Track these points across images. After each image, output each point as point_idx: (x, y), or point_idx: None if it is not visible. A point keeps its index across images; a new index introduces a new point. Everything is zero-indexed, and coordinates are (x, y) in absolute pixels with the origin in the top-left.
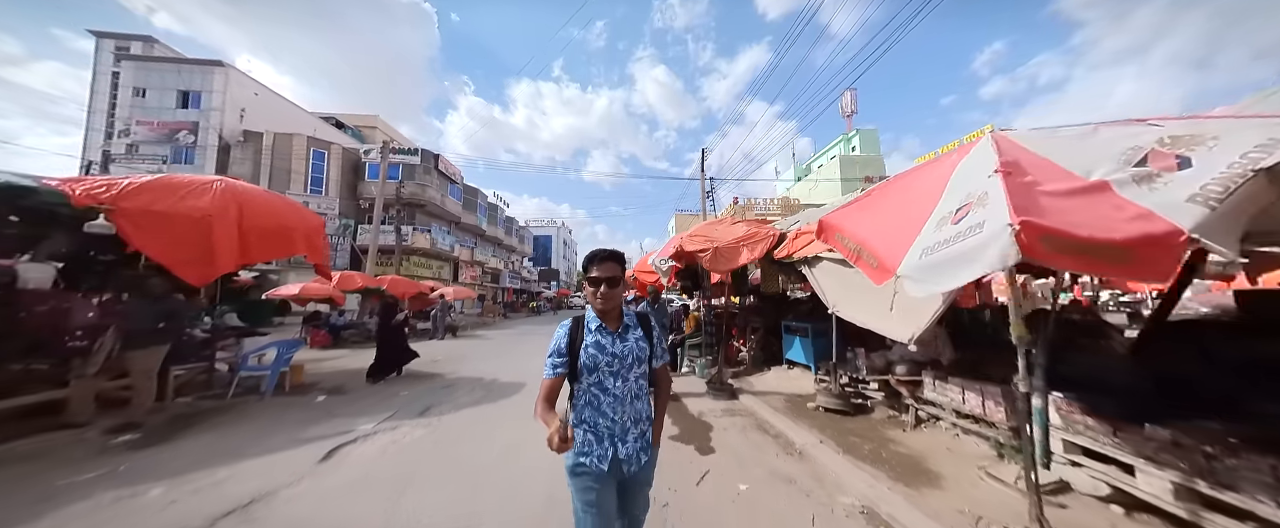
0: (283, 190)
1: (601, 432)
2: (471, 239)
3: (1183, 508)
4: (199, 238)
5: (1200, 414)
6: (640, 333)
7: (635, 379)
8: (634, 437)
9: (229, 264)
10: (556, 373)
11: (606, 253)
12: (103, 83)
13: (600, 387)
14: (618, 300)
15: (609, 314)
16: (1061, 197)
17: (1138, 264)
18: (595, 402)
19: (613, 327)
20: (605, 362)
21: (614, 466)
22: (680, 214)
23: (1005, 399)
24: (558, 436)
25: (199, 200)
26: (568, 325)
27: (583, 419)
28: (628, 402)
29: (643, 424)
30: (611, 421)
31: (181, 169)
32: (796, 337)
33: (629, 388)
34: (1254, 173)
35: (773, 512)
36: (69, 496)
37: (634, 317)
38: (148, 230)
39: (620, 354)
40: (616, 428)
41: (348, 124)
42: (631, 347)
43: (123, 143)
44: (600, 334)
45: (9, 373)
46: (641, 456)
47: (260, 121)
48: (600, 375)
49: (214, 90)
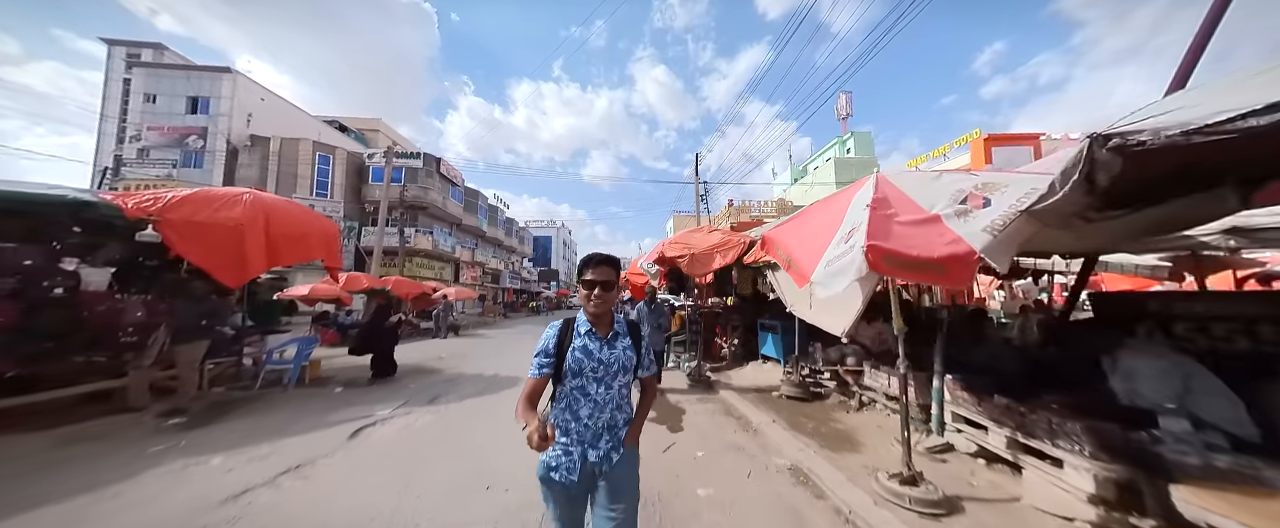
0: (289, 194)
1: (572, 436)
2: (472, 240)
3: (1010, 455)
4: (233, 245)
5: (1048, 388)
6: (628, 342)
7: (619, 388)
8: (605, 441)
9: (259, 268)
10: (541, 373)
11: (601, 257)
12: (114, 89)
13: (582, 391)
14: (610, 305)
15: (600, 319)
16: (907, 225)
17: (948, 275)
18: (574, 406)
19: (603, 332)
20: (591, 367)
21: (584, 475)
22: (678, 215)
23: (916, 382)
24: (537, 433)
25: (232, 211)
26: (558, 326)
27: (558, 421)
28: (607, 409)
29: (618, 430)
30: (585, 425)
31: (191, 173)
32: (769, 334)
33: (610, 396)
34: (1019, 213)
35: (719, 469)
36: (146, 463)
37: (624, 324)
38: (189, 239)
39: (606, 361)
40: (588, 434)
41: (351, 127)
42: (619, 355)
43: (134, 147)
44: (589, 339)
45: (74, 365)
46: (613, 455)
47: (266, 126)
48: (584, 380)
49: (222, 96)
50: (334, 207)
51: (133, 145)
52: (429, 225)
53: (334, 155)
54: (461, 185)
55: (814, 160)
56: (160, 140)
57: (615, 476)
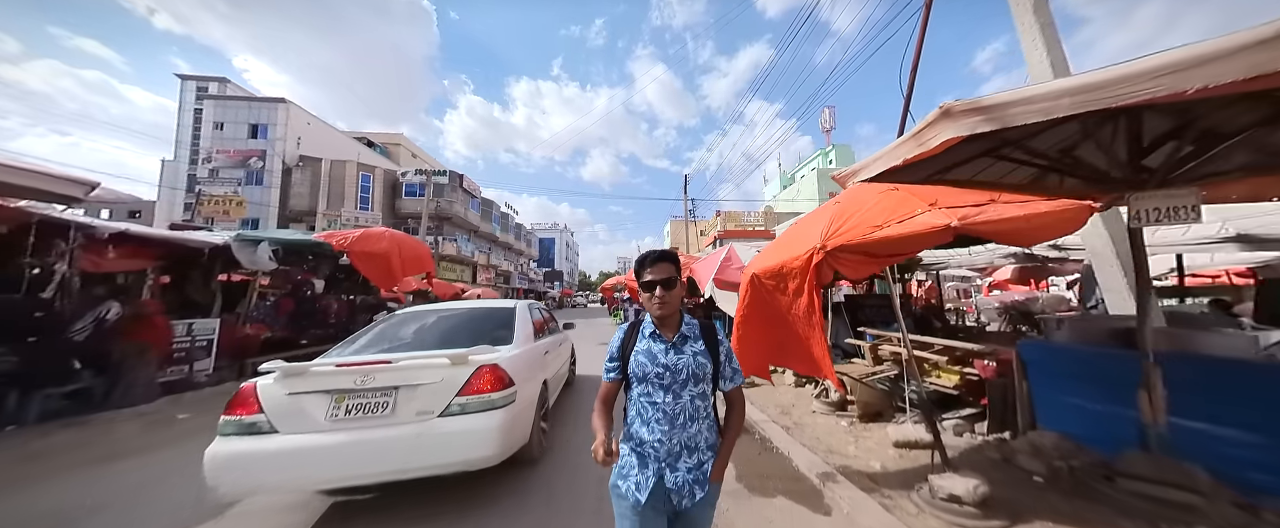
0: (338, 207)
1: (646, 453)
2: (487, 245)
3: None
4: (384, 265)
5: None
6: (701, 346)
7: (691, 398)
8: (687, 467)
9: (399, 279)
10: (611, 378)
11: (658, 253)
12: (186, 117)
13: (649, 399)
14: (676, 304)
15: (666, 320)
16: (733, 269)
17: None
18: (643, 415)
19: (668, 335)
20: (655, 373)
21: (658, 496)
22: (674, 220)
23: None
24: (603, 447)
25: (381, 244)
26: (625, 328)
27: (629, 433)
28: (680, 423)
29: (701, 453)
30: (657, 440)
31: (253, 190)
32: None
33: (681, 406)
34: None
35: None
36: None
37: (698, 327)
38: (364, 262)
39: (672, 366)
40: (662, 451)
41: (376, 142)
42: (687, 360)
43: (206, 168)
44: (653, 341)
45: (314, 336)
46: (696, 490)
47: (311, 146)
48: (649, 387)
49: (277, 122)
50: (374, 218)
51: (205, 166)
52: (453, 233)
53: (374, 174)
54: (479, 197)
55: (800, 170)
56: (227, 162)
57: (696, 518)
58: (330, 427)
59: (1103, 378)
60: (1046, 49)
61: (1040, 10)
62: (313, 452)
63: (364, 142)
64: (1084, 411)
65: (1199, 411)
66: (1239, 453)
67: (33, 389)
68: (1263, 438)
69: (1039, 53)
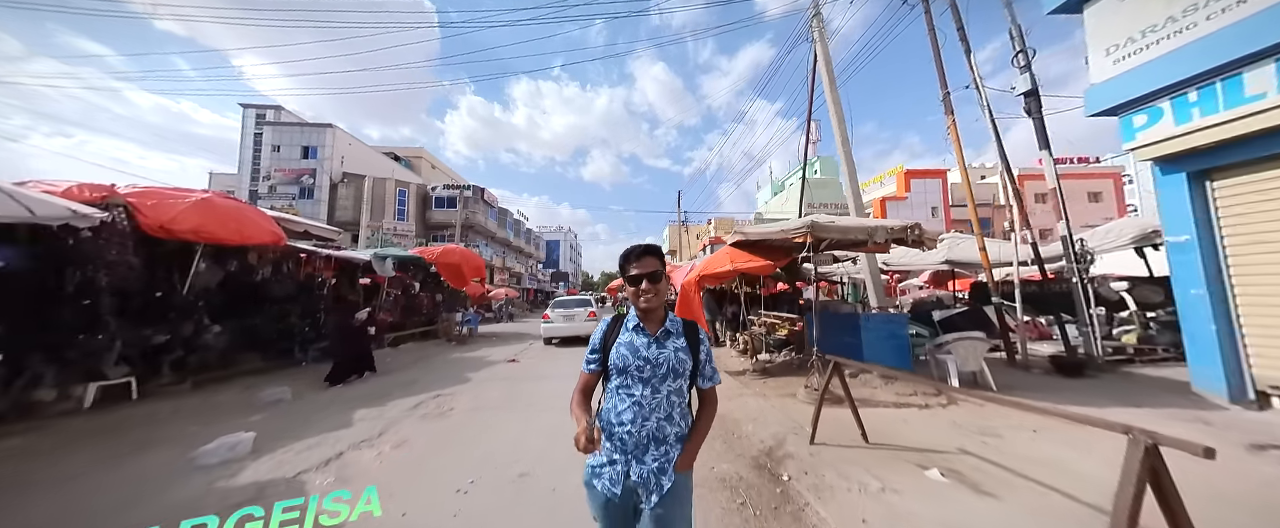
0: (380, 218)
1: (617, 440)
2: (501, 249)
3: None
4: (457, 272)
5: None
6: (682, 342)
7: (668, 393)
8: (652, 457)
9: (466, 282)
10: (589, 369)
11: (642, 248)
12: (248, 139)
13: (626, 391)
14: (662, 298)
15: (651, 314)
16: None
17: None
18: (618, 405)
19: (652, 329)
20: (635, 365)
21: (627, 491)
22: (671, 226)
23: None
24: (584, 435)
25: (454, 258)
26: (608, 320)
27: (605, 421)
28: (653, 416)
29: (667, 445)
30: (628, 431)
31: (305, 204)
32: None
33: (657, 401)
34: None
35: None
36: (456, 352)
37: (681, 323)
38: (443, 268)
39: (653, 360)
40: (630, 442)
41: (401, 156)
42: (669, 355)
43: (266, 185)
44: (636, 334)
45: (416, 322)
46: (662, 481)
47: (351, 163)
48: (628, 379)
49: (325, 144)
50: (409, 228)
51: (265, 183)
52: (476, 241)
53: (409, 189)
54: (496, 206)
55: (790, 178)
56: (283, 179)
57: (664, 512)
58: (560, 319)
59: (839, 326)
60: (838, 122)
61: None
62: (556, 324)
63: (391, 156)
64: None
65: (848, 334)
66: (849, 348)
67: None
68: (855, 341)
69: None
